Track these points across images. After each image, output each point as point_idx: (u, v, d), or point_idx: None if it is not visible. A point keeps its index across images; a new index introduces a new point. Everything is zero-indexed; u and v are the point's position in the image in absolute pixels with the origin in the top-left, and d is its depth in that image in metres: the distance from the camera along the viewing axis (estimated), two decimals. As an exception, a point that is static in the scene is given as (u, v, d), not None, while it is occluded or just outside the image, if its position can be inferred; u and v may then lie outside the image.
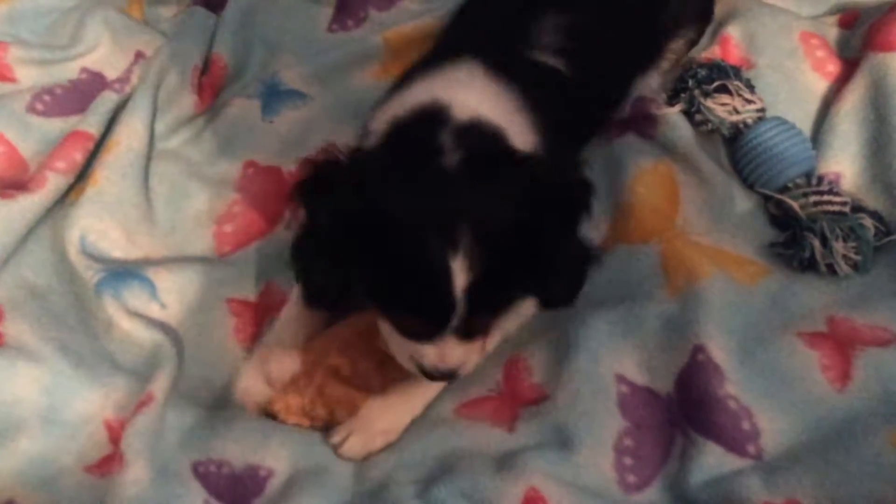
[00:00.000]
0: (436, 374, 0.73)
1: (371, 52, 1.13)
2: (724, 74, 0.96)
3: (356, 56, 1.13)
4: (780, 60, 0.99)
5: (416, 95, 0.78)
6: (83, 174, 1.03)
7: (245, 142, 1.06)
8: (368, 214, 0.67)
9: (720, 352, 0.76)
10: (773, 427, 0.74)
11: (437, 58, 0.86)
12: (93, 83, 1.12)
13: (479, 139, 0.73)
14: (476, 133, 0.73)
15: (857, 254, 0.83)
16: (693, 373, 0.76)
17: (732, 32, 1.02)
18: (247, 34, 1.19)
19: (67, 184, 1.01)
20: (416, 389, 0.81)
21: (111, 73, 1.13)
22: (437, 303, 0.67)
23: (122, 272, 0.92)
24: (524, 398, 0.81)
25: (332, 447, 0.80)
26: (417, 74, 0.83)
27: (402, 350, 0.74)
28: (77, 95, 1.10)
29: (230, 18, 1.19)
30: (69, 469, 0.81)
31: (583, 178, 0.75)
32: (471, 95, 0.77)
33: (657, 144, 0.95)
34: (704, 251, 0.85)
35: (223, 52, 1.15)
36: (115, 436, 0.82)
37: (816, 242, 0.83)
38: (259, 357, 0.84)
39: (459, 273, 0.65)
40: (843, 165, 0.92)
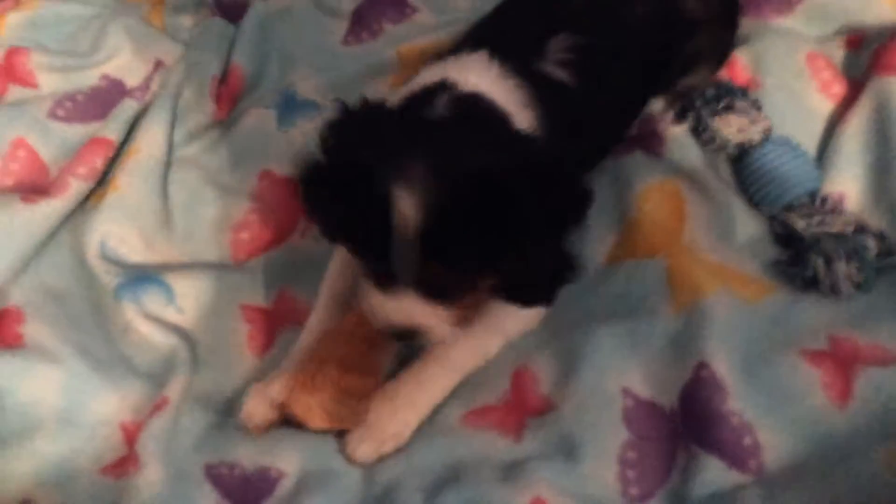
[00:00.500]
0: (394, 330, 0.74)
1: (385, 66, 1.14)
2: (732, 94, 0.97)
3: (371, 69, 1.14)
4: (787, 81, 1.00)
5: (429, 77, 0.79)
6: (103, 180, 1.04)
7: (261, 151, 1.07)
8: (340, 155, 0.70)
9: (723, 368, 0.77)
10: (774, 443, 0.74)
11: (454, 51, 0.86)
12: (113, 90, 1.13)
13: (476, 107, 0.73)
14: (474, 102, 0.74)
15: (860, 274, 0.83)
16: (696, 388, 0.77)
17: (740, 53, 1.03)
18: (264, 45, 1.20)
19: (88, 189, 1.02)
20: (423, 390, 0.82)
21: (131, 81, 1.15)
22: (387, 235, 0.66)
23: (141, 277, 0.94)
24: (531, 408, 0.82)
25: (346, 456, 0.79)
26: (433, 62, 0.84)
27: (371, 307, 0.75)
28: (97, 102, 1.12)
29: (248, 29, 1.21)
30: (85, 470, 0.82)
31: (584, 187, 0.74)
32: (482, 80, 0.77)
33: (664, 162, 0.95)
34: (709, 268, 0.86)
35: (241, 62, 1.17)
36: (131, 438, 0.83)
37: (820, 262, 0.83)
38: (264, 382, 0.83)
39: (410, 207, 0.64)
40: (848, 186, 0.92)
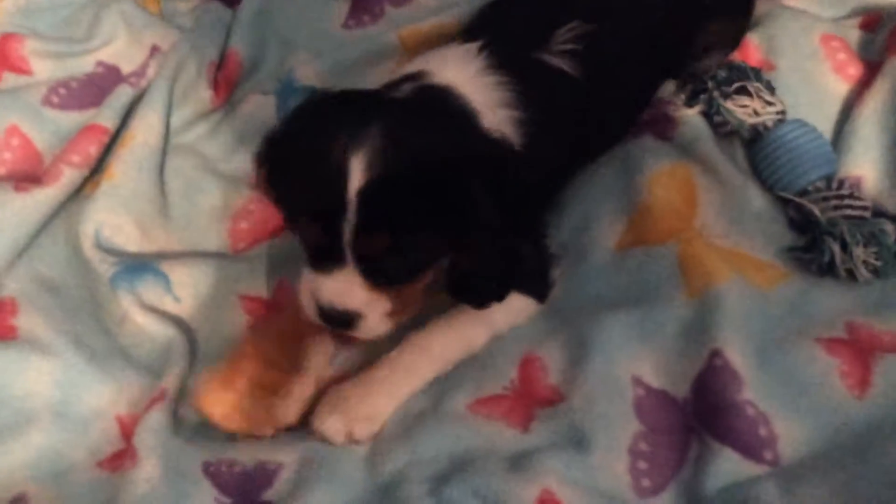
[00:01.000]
0: (331, 315, 0.73)
1: (386, 50, 1.12)
2: (745, 76, 0.95)
3: (371, 53, 1.12)
4: (801, 62, 0.98)
5: (413, 66, 0.80)
6: (98, 168, 1.03)
7: (260, 138, 1.05)
8: (293, 128, 0.76)
9: (738, 356, 0.75)
10: (791, 434, 0.73)
11: (454, 39, 0.86)
12: (108, 77, 1.12)
13: (439, 98, 0.74)
14: (440, 92, 0.74)
15: (878, 259, 0.82)
16: (710, 377, 0.75)
17: (753, 34, 1.01)
18: (262, 29, 1.18)
19: (82, 177, 1.01)
20: (399, 376, 0.80)
21: (127, 67, 1.13)
22: (333, 206, 0.67)
23: (137, 266, 0.93)
24: (539, 398, 0.80)
25: (315, 431, 0.77)
26: (422, 55, 0.85)
27: (307, 293, 0.74)
28: (93, 89, 1.10)
29: (246, 13, 1.19)
30: (80, 464, 0.81)
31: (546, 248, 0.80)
32: (459, 74, 0.77)
33: (675, 146, 0.93)
34: (722, 254, 0.84)
35: (239, 48, 1.15)
36: (127, 431, 0.82)
37: (836, 247, 0.82)
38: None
39: (355, 171, 0.65)
40: (865, 169, 0.90)
